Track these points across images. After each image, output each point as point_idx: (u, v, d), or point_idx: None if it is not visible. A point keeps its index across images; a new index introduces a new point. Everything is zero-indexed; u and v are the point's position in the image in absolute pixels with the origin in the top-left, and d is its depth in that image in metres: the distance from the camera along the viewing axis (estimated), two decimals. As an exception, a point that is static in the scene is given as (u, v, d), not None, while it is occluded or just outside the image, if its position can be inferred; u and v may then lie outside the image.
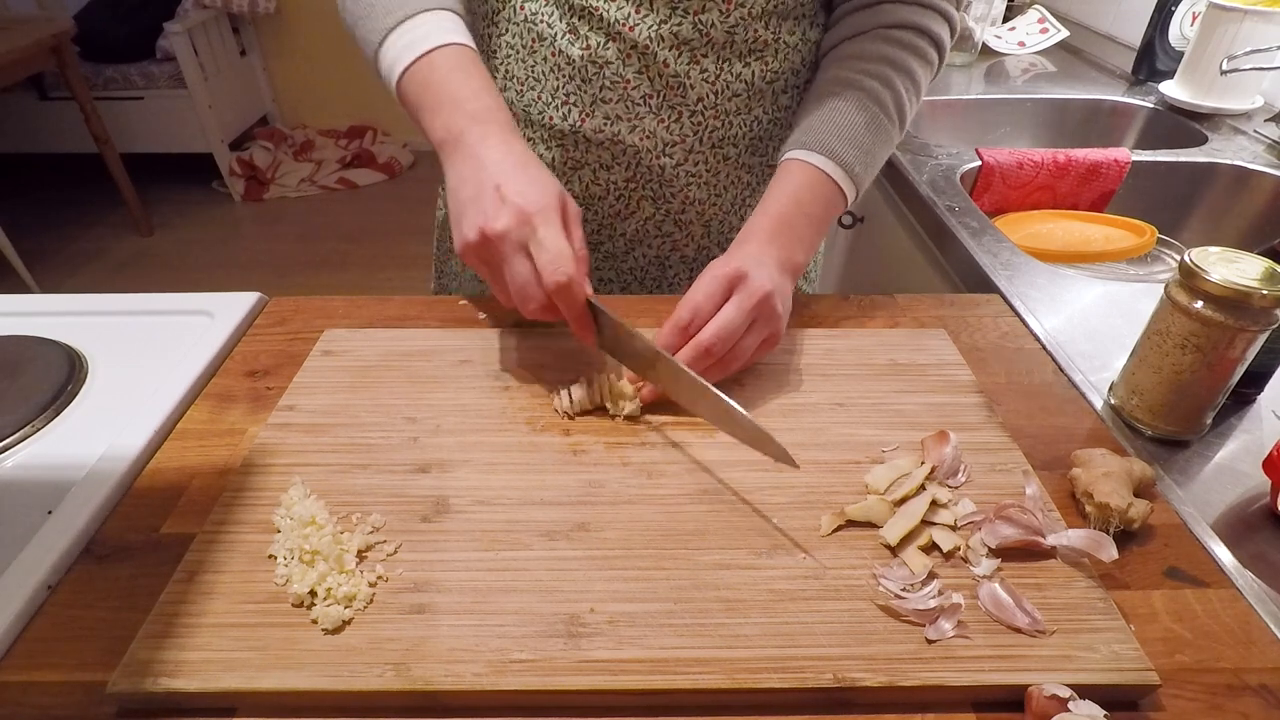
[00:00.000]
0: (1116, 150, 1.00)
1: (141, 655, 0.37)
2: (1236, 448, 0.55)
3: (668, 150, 0.64)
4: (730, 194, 0.69)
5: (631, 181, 0.67)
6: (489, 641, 0.38)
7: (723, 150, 0.66)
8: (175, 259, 2.63)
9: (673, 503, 0.46)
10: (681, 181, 0.67)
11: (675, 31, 0.58)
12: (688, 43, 0.59)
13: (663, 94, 0.61)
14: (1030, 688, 0.36)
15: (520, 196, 0.48)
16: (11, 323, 0.64)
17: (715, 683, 0.36)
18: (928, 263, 0.94)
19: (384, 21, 0.55)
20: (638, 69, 0.60)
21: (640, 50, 0.59)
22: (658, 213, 0.69)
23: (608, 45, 0.59)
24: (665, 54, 0.59)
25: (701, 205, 0.69)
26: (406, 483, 0.47)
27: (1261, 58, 1.02)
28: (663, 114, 0.62)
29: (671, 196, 0.68)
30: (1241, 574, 0.44)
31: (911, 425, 0.52)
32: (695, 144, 0.65)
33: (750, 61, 0.62)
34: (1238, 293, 0.46)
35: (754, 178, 0.70)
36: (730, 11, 0.58)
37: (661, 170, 0.66)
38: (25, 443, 0.53)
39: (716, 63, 0.61)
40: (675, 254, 0.73)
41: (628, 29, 0.58)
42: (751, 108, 0.64)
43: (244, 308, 0.65)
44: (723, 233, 0.72)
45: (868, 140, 0.59)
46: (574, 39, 0.60)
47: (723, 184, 0.68)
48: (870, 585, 0.41)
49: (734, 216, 0.71)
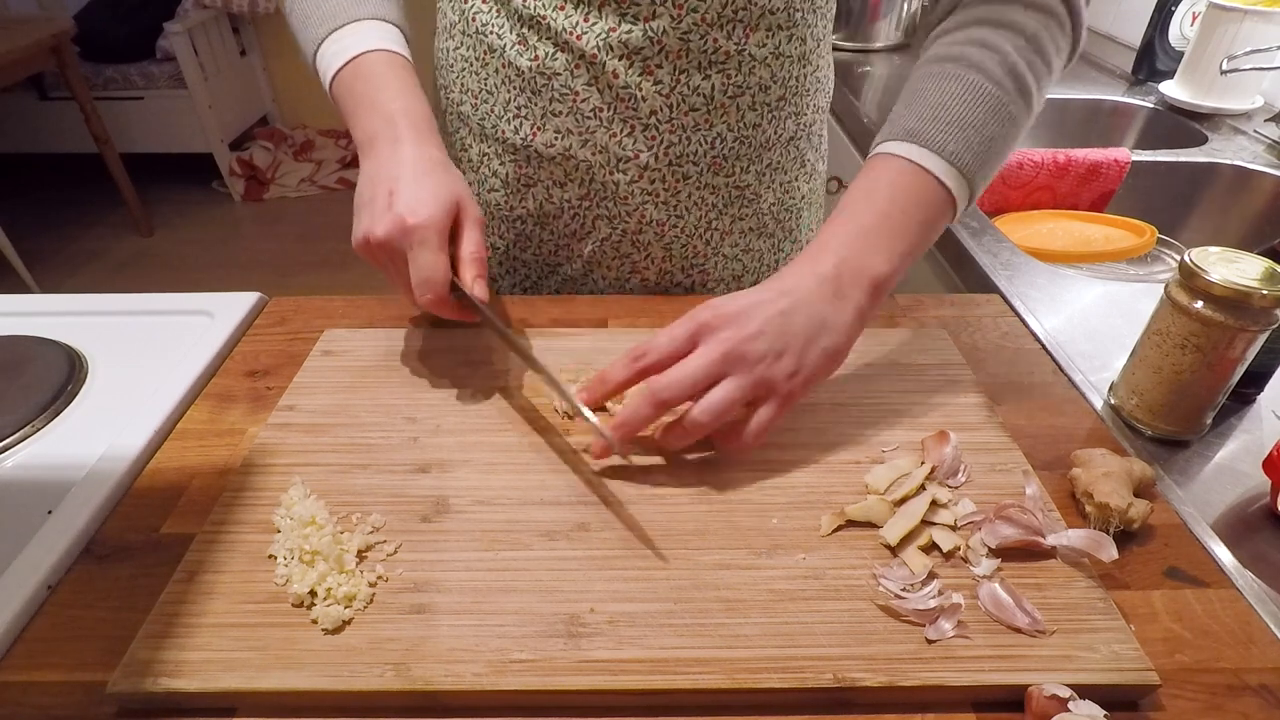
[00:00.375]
0: (1116, 150, 1.00)
1: (141, 655, 0.37)
2: (1236, 448, 0.55)
3: (621, 166, 0.62)
4: (693, 216, 0.65)
5: (586, 199, 0.64)
6: (489, 641, 0.38)
7: (681, 168, 0.62)
8: (175, 259, 2.63)
9: (673, 503, 0.46)
10: (637, 199, 0.63)
11: (624, 40, 0.56)
12: (638, 52, 0.56)
13: (613, 106, 0.59)
14: (1030, 688, 0.36)
15: (406, 206, 0.48)
16: (11, 323, 0.64)
17: (715, 683, 0.36)
18: (928, 263, 0.94)
19: (318, 30, 0.56)
20: (586, 80, 0.58)
21: (589, 60, 0.57)
22: (614, 233, 0.66)
23: (556, 55, 0.58)
24: (614, 64, 0.57)
25: (660, 226, 0.65)
26: (406, 483, 0.47)
27: (1261, 58, 1.02)
28: (614, 127, 0.60)
29: (628, 215, 0.64)
30: (1241, 574, 0.44)
31: (911, 425, 0.52)
32: (650, 160, 0.61)
33: (710, 74, 0.58)
34: (1238, 293, 0.46)
35: (719, 199, 0.65)
36: (682, 17, 0.55)
37: (616, 187, 0.63)
38: (25, 443, 0.53)
39: (671, 74, 0.57)
40: (635, 277, 0.69)
41: (575, 38, 0.56)
42: (713, 123, 0.60)
43: (244, 308, 0.65)
44: (686, 257, 0.67)
45: (966, 112, 0.47)
46: (523, 49, 0.59)
47: (684, 205, 0.64)
48: (870, 585, 0.41)
49: (698, 240, 0.67)
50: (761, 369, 0.44)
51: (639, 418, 0.45)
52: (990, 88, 0.47)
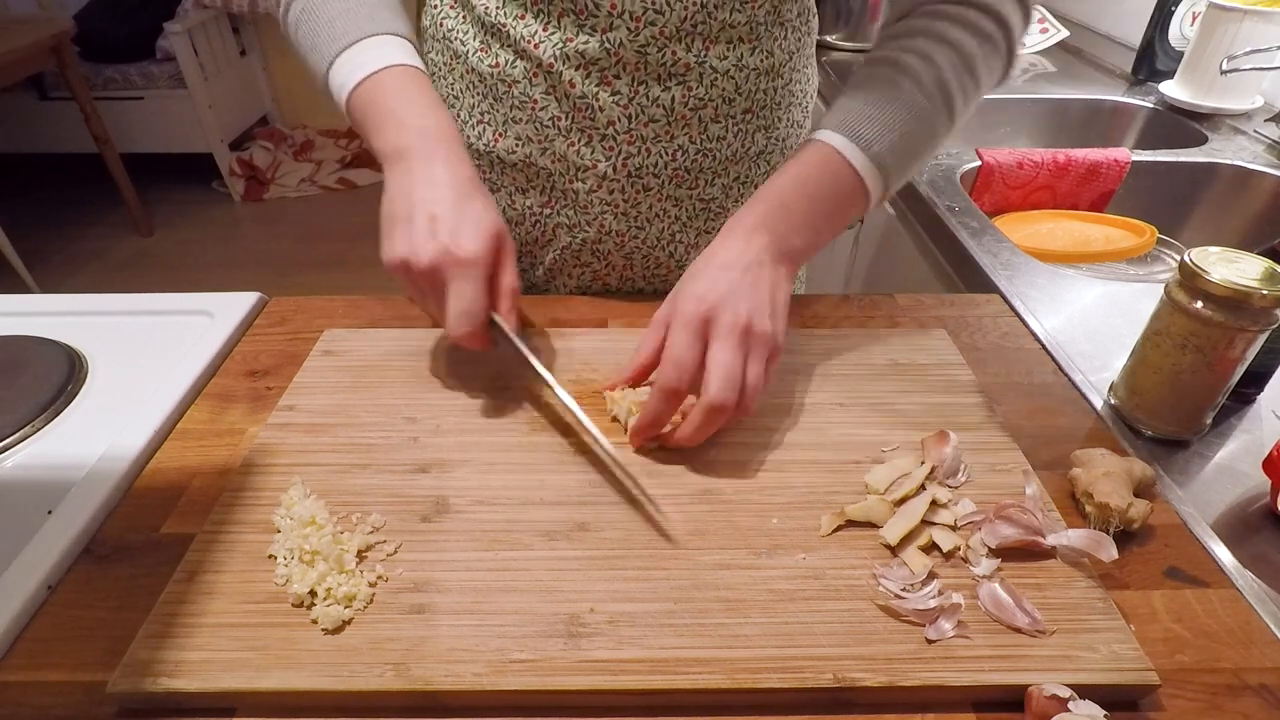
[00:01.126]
0: (1116, 150, 1.00)
1: (141, 655, 0.37)
2: (1236, 448, 0.55)
3: (579, 175, 0.62)
4: (655, 228, 0.65)
5: (546, 207, 0.65)
6: (489, 641, 0.38)
7: (641, 180, 0.62)
8: (175, 259, 2.63)
9: (673, 503, 0.46)
10: (596, 209, 0.64)
11: (581, 50, 0.56)
12: (595, 63, 0.56)
13: (570, 115, 0.59)
14: (1030, 688, 0.36)
15: (451, 236, 0.47)
16: (11, 323, 0.64)
17: (715, 683, 0.36)
18: (928, 263, 0.94)
19: (332, 47, 0.54)
20: (544, 89, 0.58)
21: (546, 69, 0.57)
22: (574, 241, 0.66)
23: (515, 63, 0.58)
24: (571, 74, 0.57)
25: (620, 236, 0.65)
26: (406, 483, 0.47)
27: (1261, 58, 1.02)
28: (571, 136, 0.60)
29: (587, 224, 0.65)
30: (1241, 574, 0.44)
31: (911, 425, 0.52)
32: (608, 170, 0.61)
33: (669, 85, 0.58)
34: (1238, 293, 0.46)
35: (682, 211, 0.65)
36: (639, 30, 0.55)
37: (575, 195, 0.63)
38: (25, 443, 0.53)
39: (629, 85, 0.57)
40: (597, 284, 0.70)
41: (533, 46, 0.57)
42: (674, 135, 0.60)
43: (244, 308, 0.65)
44: (648, 267, 0.68)
45: (894, 117, 0.51)
46: (484, 55, 0.59)
47: (644, 216, 0.64)
48: (870, 585, 0.41)
49: (660, 252, 0.67)
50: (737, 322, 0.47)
51: (655, 415, 0.48)
52: (922, 100, 0.52)
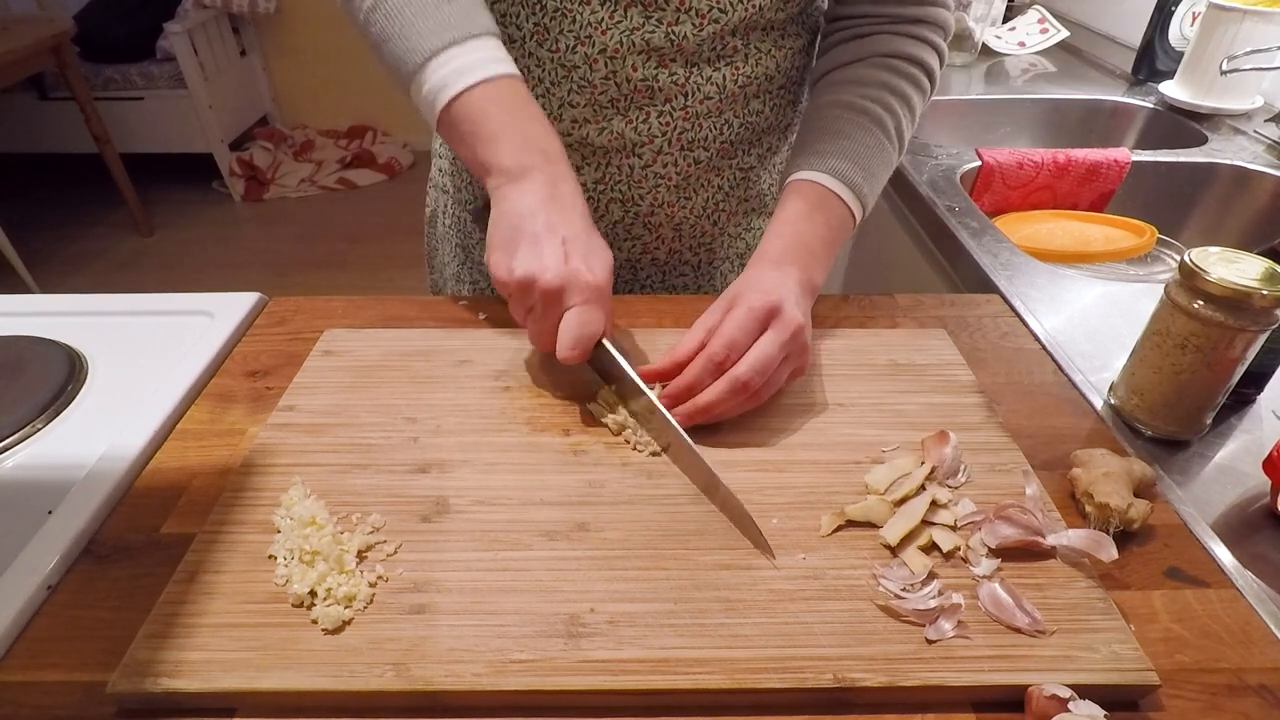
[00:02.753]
0: (1116, 150, 1.00)
1: (141, 655, 0.37)
2: (1236, 448, 0.55)
3: (636, 150, 0.64)
4: (701, 198, 0.69)
5: (601, 183, 0.66)
6: (489, 641, 0.38)
7: (693, 153, 0.65)
8: (175, 259, 2.63)
9: (673, 503, 0.46)
10: (650, 183, 0.66)
11: (647, 39, 0.58)
12: (657, 50, 0.59)
13: (630, 96, 0.61)
14: (1030, 688, 0.36)
15: (584, 262, 0.49)
16: (11, 323, 0.64)
17: (715, 683, 0.36)
18: (928, 263, 0.94)
19: (429, 42, 0.52)
20: (605, 74, 0.60)
21: (610, 55, 0.59)
22: (626, 215, 0.68)
23: (576, 49, 0.59)
24: (634, 59, 0.59)
25: (671, 208, 0.68)
26: (406, 483, 0.47)
27: (1261, 58, 1.02)
28: (630, 115, 0.62)
29: (640, 199, 0.67)
30: (1241, 574, 0.44)
31: (911, 425, 0.52)
32: (664, 145, 0.64)
33: (720, 67, 0.61)
34: (1238, 293, 0.46)
35: (724, 181, 0.69)
36: (703, 26, 0.58)
37: (630, 171, 0.65)
38: (25, 443, 0.53)
39: (685, 68, 0.60)
40: (646, 256, 0.72)
41: (599, 33, 0.58)
42: (722, 111, 0.64)
43: (244, 308, 0.65)
44: (694, 236, 0.71)
45: (872, 162, 0.59)
46: (542, 40, 0.59)
47: (693, 187, 0.68)
48: (870, 585, 0.41)
49: (705, 221, 0.71)
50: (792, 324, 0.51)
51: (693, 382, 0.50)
52: (888, 146, 0.61)
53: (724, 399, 0.49)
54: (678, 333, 0.61)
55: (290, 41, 3.15)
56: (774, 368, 0.50)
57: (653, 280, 0.74)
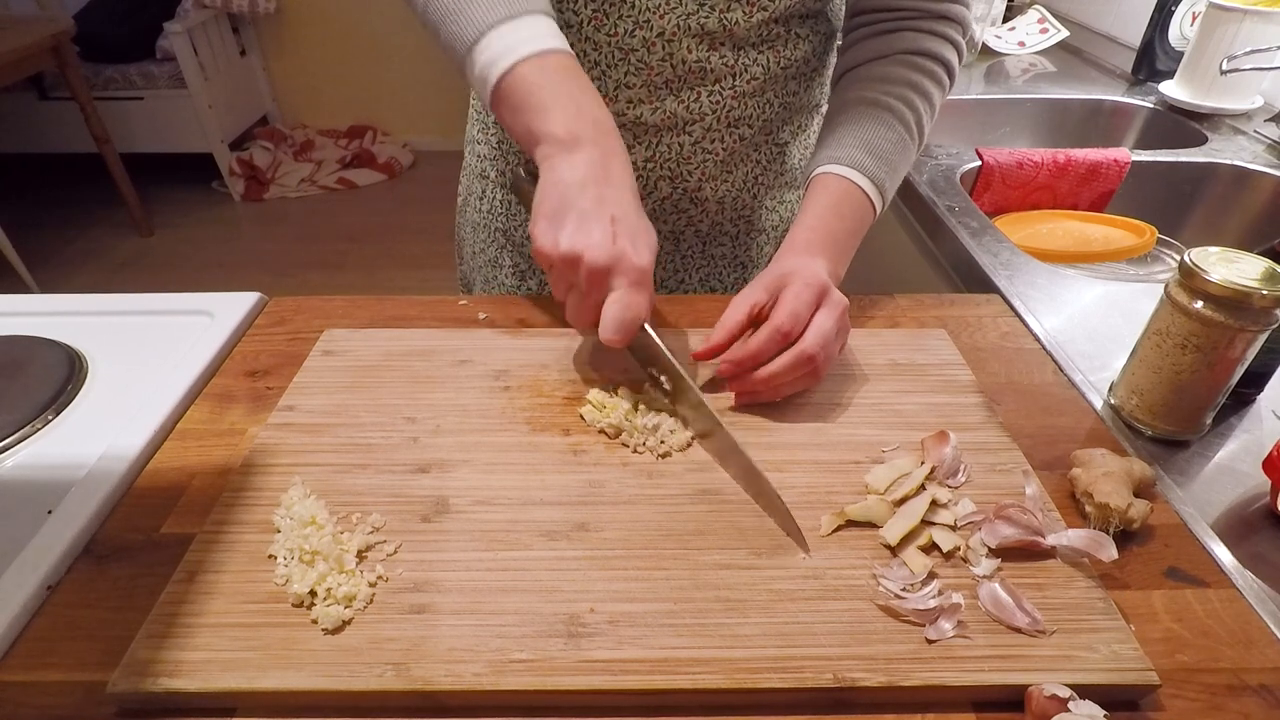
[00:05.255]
0: (1116, 150, 1.00)
1: (141, 655, 0.37)
2: (1236, 448, 0.55)
3: (687, 128, 0.66)
4: (741, 172, 0.71)
5: (651, 160, 0.68)
6: (489, 641, 0.38)
7: (738, 130, 0.68)
8: (175, 259, 2.62)
9: (673, 503, 0.46)
10: (698, 159, 0.68)
11: (701, 24, 0.60)
12: (710, 34, 0.61)
13: (684, 78, 0.63)
14: (1030, 688, 0.36)
15: (631, 243, 0.48)
16: (11, 323, 0.64)
17: (715, 683, 0.36)
18: (928, 263, 0.94)
19: (483, 18, 0.52)
20: (661, 56, 0.62)
21: (666, 39, 0.61)
22: (674, 191, 0.70)
23: (634, 33, 0.61)
24: (688, 42, 0.61)
25: (715, 183, 0.70)
26: (406, 483, 0.47)
27: (1261, 58, 1.02)
28: (683, 95, 0.64)
29: (688, 175, 0.69)
30: (1241, 574, 0.44)
31: (911, 425, 0.52)
32: (713, 123, 0.66)
33: (765, 51, 0.64)
34: (1238, 293, 0.46)
35: (762, 156, 0.72)
36: (753, 14, 0.61)
37: (680, 148, 0.67)
38: (25, 443, 0.53)
39: (734, 51, 0.63)
40: (690, 229, 0.74)
41: (658, 17, 0.60)
42: (764, 91, 0.67)
43: (244, 308, 0.65)
44: (735, 209, 0.74)
45: (894, 157, 0.61)
46: (601, 24, 0.61)
47: (735, 163, 0.70)
48: (870, 585, 0.41)
49: (745, 194, 0.73)
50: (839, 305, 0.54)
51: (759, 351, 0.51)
52: (910, 142, 0.63)
53: (789, 370, 0.51)
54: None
55: (290, 41, 3.15)
56: (832, 342, 0.52)
57: (694, 250, 0.76)
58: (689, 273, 0.77)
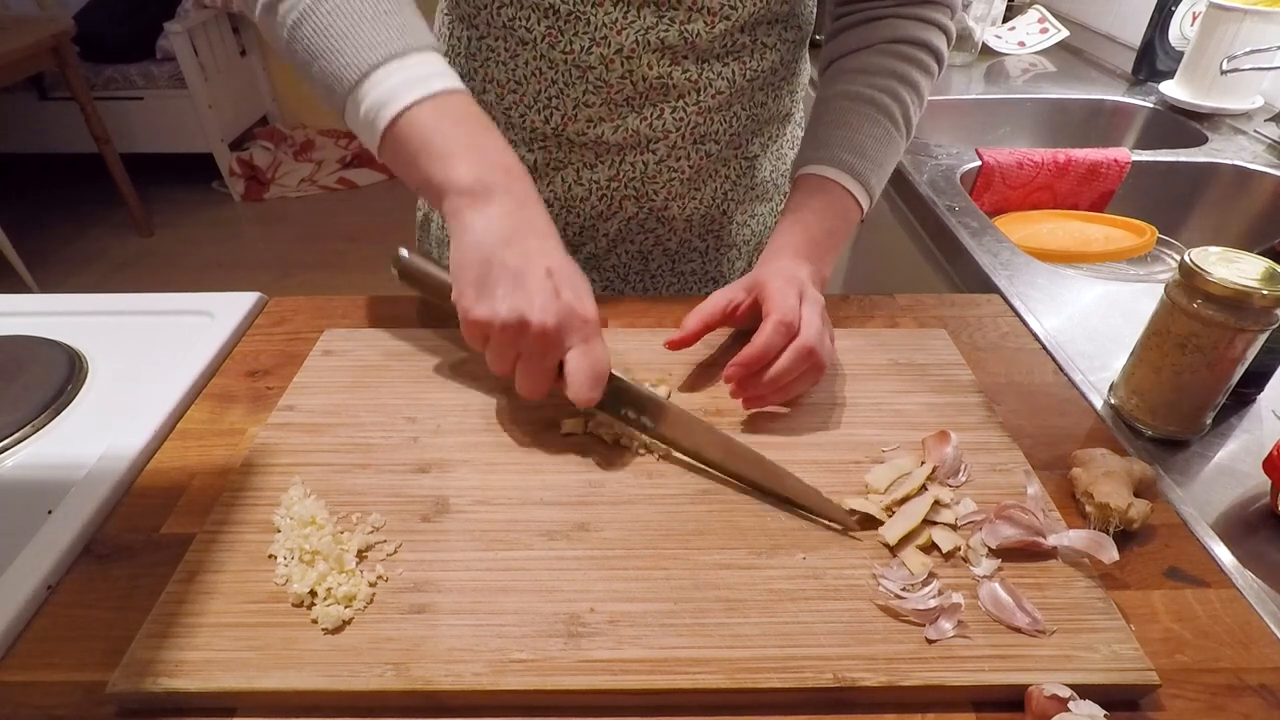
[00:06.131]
0: (1116, 150, 1.00)
1: (141, 655, 0.37)
2: (1236, 448, 0.55)
3: (650, 146, 0.64)
4: (710, 188, 0.70)
5: (615, 180, 0.66)
6: (489, 641, 0.38)
7: (704, 146, 0.66)
8: (175, 259, 2.62)
9: (673, 503, 0.46)
10: (664, 178, 0.67)
11: (661, 38, 0.58)
12: (672, 48, 0.59)
13: (645, 95, 0.61)
14: (1030, 688, 0.36)
15: (575, 295, 0.45)
16: (11, 323, 0.64)
17: (715, 682, 0.36)
18: (928, 263, 0.94)
19: (366, 57, 0.47)
20: (621, 73, 0.60)
21: (625, 55, 0.59)
22: (640, 211, 0.69)
23: (591, 50, 0.59)
24: (648, 57, 0.59)
25: (683, 200, 0.69)
26: (406, 483, 0.47)
27: (1261, 58, 1.02)
28: (645, 112, 0.62)
29: (654, 194, 0.67)
30: (1241, 574, 0.44)
31: (911, 425, 0.52)
32: (678, 140, 0.64)
33: (730, 63, 0.62)
34: (1238, 293, 0.46)
35: (731, 171, 0.70)
36: (715, 24, 0.59)
37: (644, 167, 0.66)
38: (25, 443, 0.53)
39: (698, 65, 0.61)
40: (658, 248, 0.73)
41: (615, 33, 0.58)
42: (731, 104, 0.65)
43: (244, 308, 0.65)
44: (705, 225, 0.72)
45: (879, 153, 0.60)
46: (557, 41, 0.59)
47: (703, 179, 0.69)
48: (870, 585, 0.41)
49: (714, 210, 0.71)
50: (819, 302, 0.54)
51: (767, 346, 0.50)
52: (895, 134, 0.62)
53: (795, 364, 0.50)
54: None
55: (290, 41, 3.14)
56: (824, 334, 0.52)
57: (663, 269, 0.75)
58: (659, 291, 0.75)
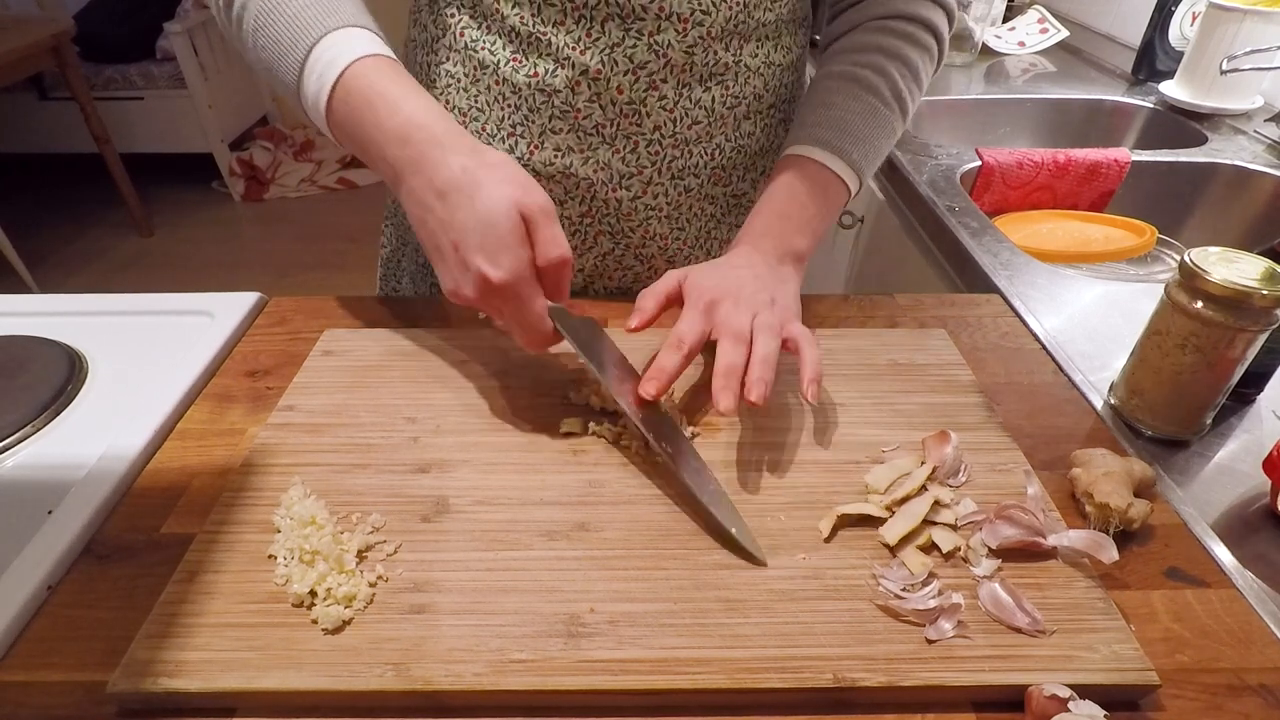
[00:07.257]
0: (1116, 150, 1.00)
1: (141, 655, 0.37)
2: (1236, 448, 0.55)
3: (624, 182, 0.62)
4: (694, 227, 0.67)
5: (587, 216, 0.64)
6: (489, 641, 0.38)
7: (684, 181, 0.63)
8: (175, 259, 2.63)
9: (673, 503, 0.46)
10: (641, 215, 0.64)
11: (630, 55, 0.56)
12: (643, 67, 0.57)
13: (616, 123, 0.59)
14: (1030, 688, 0.36)
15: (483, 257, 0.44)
16: (11, 323, 0.64)
17: (715, 682, 0.36)
18: (928, 263, 0.94)
19: (297, 52, 0.48)
20: (589, 97, 0.58)
21: (591, 76, 0.57)
22: (617, 247, 0.66)
23: (556, 72, 0.57)
24: (619, 79, 0.57)
25: (664, 240, 0.66)
26: (406, 483, 0.47)
27: (1261, 58, 1.02)
28: (617, 144, 0.60)
29: (631, 231, 0.65)
30: (1241, 574, 0.44)
31: (911, 425, 0.52)
32: (654, 175, 0.62)
33: (710, 86, 0.60)
34: (1238, 293, 0.46)
35: (718, 209, 0.67)
36: (687, 31, 0.56)
37: (619, 203, 0.63)
38: (25, 443, 0.53)
39: (675, 88, 0.58)
40: (638, 285, 0.68)
41: (578, 53, 0.56)
42: (713, 135, 0.62)
43: (244, 308, 0.65)
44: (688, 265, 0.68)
45: (864, 128, 0.58)
46: (519, 66, 0.57)
47: (685, 217, 0.66)
48: (870, 585, 0.41)
49: (699, 251, 0.68)
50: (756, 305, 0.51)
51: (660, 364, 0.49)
52: (883, 109, 0.60)
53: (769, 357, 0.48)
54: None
55: (290, 41, 3.14)
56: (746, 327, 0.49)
57: None
58: None
